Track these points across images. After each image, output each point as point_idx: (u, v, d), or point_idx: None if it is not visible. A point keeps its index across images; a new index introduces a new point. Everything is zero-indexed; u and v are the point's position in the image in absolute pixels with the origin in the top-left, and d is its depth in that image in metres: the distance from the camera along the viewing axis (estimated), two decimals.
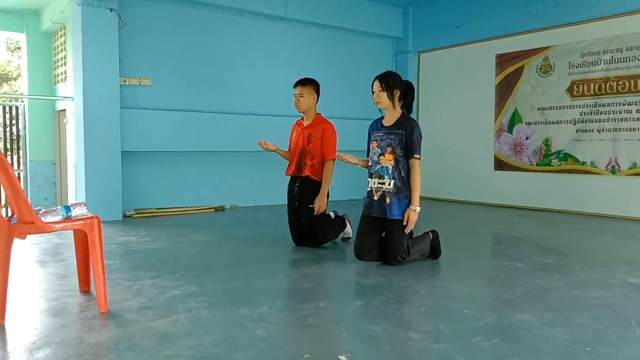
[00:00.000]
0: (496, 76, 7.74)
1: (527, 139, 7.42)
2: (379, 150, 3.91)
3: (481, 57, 7.91)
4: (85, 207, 2.94)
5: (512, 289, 3.33)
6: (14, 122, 8.44)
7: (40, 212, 2.73)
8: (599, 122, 6.65)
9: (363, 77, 8.53)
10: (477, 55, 7.98)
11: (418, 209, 3.81)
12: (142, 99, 6.51)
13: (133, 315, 2.76)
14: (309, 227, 4.50)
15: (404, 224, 3.78)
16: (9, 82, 18.44)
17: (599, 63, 6.62)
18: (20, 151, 8.37)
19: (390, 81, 3.89)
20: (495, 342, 2.41)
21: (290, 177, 4.69)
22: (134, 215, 6.38)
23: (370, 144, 4.03)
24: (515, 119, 7.55)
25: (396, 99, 3.90)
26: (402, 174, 3.81)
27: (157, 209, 6.63)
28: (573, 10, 6.81)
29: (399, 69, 8.90)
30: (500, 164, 7.75)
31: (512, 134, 7.59)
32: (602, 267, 3.92)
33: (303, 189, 4.55)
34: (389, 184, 3.83)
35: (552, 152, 7.14)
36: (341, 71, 8.24)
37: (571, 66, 6.89)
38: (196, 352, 2.28)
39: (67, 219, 2.80)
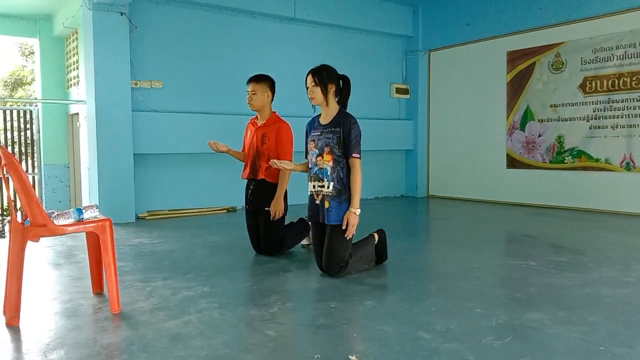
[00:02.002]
0: (507, 74, 7.68)
1: (539, 136, 7.36)
2: (317, 150, 3.61)
3: (492, 55, 7.86)
4: (97, 209, 2.97)
5: (524, 288, 3.30)
6: (28, 126, 8.55)
7: (53, 215, 2.76)
8: (613, 118, 6.57)
9: (373, 77, 8.54)
10: (487, 53, 7.93)
11: (358, 211, 3.52)
12: (153, 102, 6.56)
13: (145, 317, 2.78)
14: (266, 234, 4.20)
15: (343, 228, 3.49)
16: (23, 87, 18.67)
17: (611, 59, 6.54)
18: (35, 155, 8.48)
19: (324, 75, 3.59)
20: (507, 341, 2.39)
21: (246, 180, 4.38)
22: (146, 217, 6.43)
23: (308, 145, 3.74)
24: (527, 117, 7.49)
25: (331, 95, 3.61)
26: (342, 175, 3.53)
27: (169, 210, 6.68)
28: (584, 5, 6.74)
29: (409, 68, 8.88)
30: (512, 162, 7.69)
31: (524, 131, 7.53)
32: (616, 265, 3.88)
33: (257, 193, 4.23)
34: (328, 187, 3.53)
35: (565, 149, 7.07)
36: (351, 71, 8.11)
37: (583, 62, 6.82)
38: (208, 352, 2.29)
39: (80, 221, 2.83)
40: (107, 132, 6.03)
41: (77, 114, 7.81)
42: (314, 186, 3.63)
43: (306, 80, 3.64)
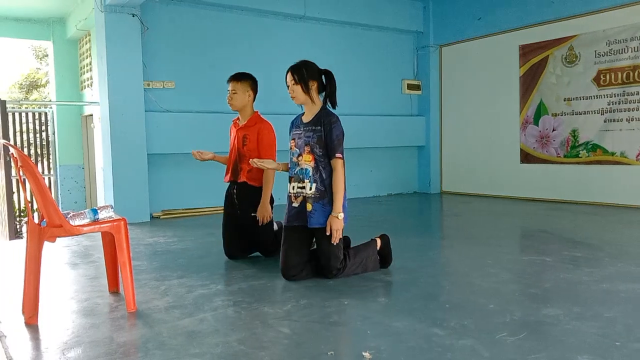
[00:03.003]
0: (520, 67, 7.62)
1: (553, 130, 7.29)
2: (297, 150, 3.46)
3: (504, 49, 7.80)
4: (112, 209, 3.01)
5: (539, 284, 3.28)
6: (43, 128, 8.65)
7: (69, 216, 2.80)
8: (628, 111, 6.49)
9: (385, 73, 8.52)
10: (500, 47, 7.87)
11: (341, 215, 3.33)
12: (165, 102, 6.61)
13: (161, 315, 2.81)
14: (257, 237, 4.05)
15: (327, 234, 3.34)
16: (38, 89, 18.90)
17: (626, 51, 6.46)
18: (51, 156, 8.59)
19: (304, 72, 3.41)
20: (522, 337, 2.38)
21: (228, 183, 4.20)
22: (161, 217, 6.49)
23: (289, 143, 3.59)
24: (541, 111, 7.42)
25: (313, 92, 3.44)
26: (324, 176, 3.36)
27: (183, 209, 6.73)
28: None
29: (420, 64, 8.84)
30: (526, 157, 7.63)
31: (538, 125, 7.47)
32: (633, 260, 3.84)
33: (241, 196, 4.05)
34: (310, 188, 3.37)
35: (579, 143, 7.00)
36: (362, 68, 8.22)
37: (597, 55, 6.74)
38: (223, 349, 2.31)
39: (95, 221, 2.87)
40: (121, 132, 6.09)
41: (91, 115, 7.88)
42: (293, 187, 3.46)
43: (286, 79, 3.47)
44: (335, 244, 3.36)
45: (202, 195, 6.94)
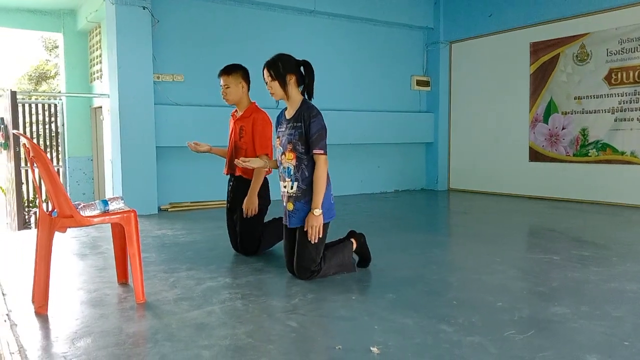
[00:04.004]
0: (530, 65, 7.57)
1: (563, 129, 7.25)
2: (281, 148, 3.35)
3: (515, 46, 7.75)
4: (122, 201, 3.02)
5: (547, 282, 3.27)
6: (52, 119, 8.70)
7: (80, 207, 2.82)
8: (639, 110, 6.45)
9: (394, 69, 8.49)
10: (510, 44, 7.82)
11: (318, 211, 3.20)
12: (175, 95, 6.62)
13: (169, 306, 2.83)
14: (241, 232, 3.97)
15: (305, 230, 3.24)
16: (47, 81, 18.99)
17: (638, 50, 6.40)
18: (59, 147, 8.64)
19: (280, 66, 3.27)
20: (530, 335, 2.38)
21: (228, 176, 4.17)
22: (169, 209, 6.52)
23: (275, 141, 3.50)
24: (550, 109, 7.38)
25: (292, 86, 3.30)
26: (307, 174, 3.25)
27: (191, 202, 6.75)
28: None
29: (430, 60, 8.81)
30: (535, 155, 7.59)
31: (547, 124, 7.43)
32: None
33: (236, 190, 4.01)
34: (292, 187, 3.28)
35: (589, 142, 6.96)
36: (371, 63, 8.19)
37: (609, 53, 6.69)
38: (231, 342, 2.33)
39: (105, 212, 2.89)
40: (130, 125, 6.11)
41: (101, 107, 7.92)
42: (282, 186, 3.38)
43: (263, 75, 3.36)
44: (313, 243, 3.23)
45: (210, 189, 6.95)
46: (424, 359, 2.14)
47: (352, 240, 3.56)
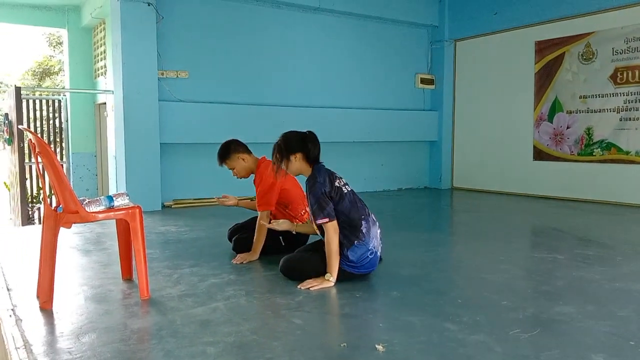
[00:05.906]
0: (535, 64, 7.55)
1: (568, 128, 7.23)
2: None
3: (520, 45, 7.73)
4: (127, 197, 3.02)
5: (552, 281, 3.27)
6: (56, 115, 8.70)
7: (85, 202, 2.82)
8: None
9: (398, 67, 8.47)
10: (515, 43, 7.80)
11: (329, 276, 3.09)
12: (179, 92, 6.62)
13: (174, 303, 2.83)
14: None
15: (308, 286, 3.08)
16: (51, 77, 19.01)
17: None
18: (63, 143, 8.64)
19: (284, 148, 3.24)
20: (535, 334, 2.37)
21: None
22: (172, 206, 6.52)
23: None
24: (555, 108, 7.36)
25: (299, 162, 3.23)
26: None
27: (194, 199, 6.76)
28: None
29: (434, 58, 8.78)
30: (539, 154, 7.57)
31: (552, 123, 7.40)
32: None
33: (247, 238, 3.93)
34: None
35: (594, 141, 6.94)
36: (376, 61, 8.18)
37: (615, 52, 6.66)
38: (236, 338, 2.32)
39: (110, 208, 2.88)
40: (134, 121, 6.11)
41: (105, 103, 7.92)
42: None
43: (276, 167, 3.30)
44: (303, 288, 3.07)
45: (214, 186, 6.94)
46: (429, 357, 2.14)
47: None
